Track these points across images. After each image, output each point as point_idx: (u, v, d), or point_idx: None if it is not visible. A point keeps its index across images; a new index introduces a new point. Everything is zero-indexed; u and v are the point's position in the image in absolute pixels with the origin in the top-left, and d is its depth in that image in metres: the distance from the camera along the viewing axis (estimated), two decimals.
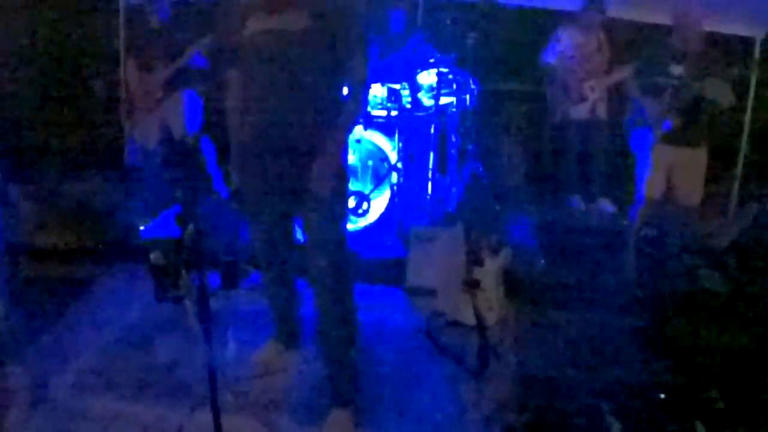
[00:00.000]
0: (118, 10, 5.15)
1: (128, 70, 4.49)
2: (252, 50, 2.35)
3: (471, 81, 5.01)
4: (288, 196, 2.45)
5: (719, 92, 3.55)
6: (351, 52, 2.35)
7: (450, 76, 4.76)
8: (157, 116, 4.54)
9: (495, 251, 3.79)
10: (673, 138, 3.78)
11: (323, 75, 2.35)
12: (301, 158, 2.35)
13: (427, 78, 4.62)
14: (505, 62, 5.63)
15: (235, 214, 3.75)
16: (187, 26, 4.48)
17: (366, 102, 2.53)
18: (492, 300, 3.46)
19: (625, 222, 4.61)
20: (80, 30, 5.47)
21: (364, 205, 4.24)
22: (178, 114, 4.54)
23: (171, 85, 4.44)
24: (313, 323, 2.71)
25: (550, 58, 5.12)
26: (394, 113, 4.46)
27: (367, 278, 3.83)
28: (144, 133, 4.58)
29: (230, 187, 2.67)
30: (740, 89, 4.45)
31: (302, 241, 2.61)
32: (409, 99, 4.54)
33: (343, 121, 2.40)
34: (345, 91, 2.47)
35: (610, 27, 5.14)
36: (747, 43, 4.87)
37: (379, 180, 4.36)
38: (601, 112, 5.10)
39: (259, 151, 2.41)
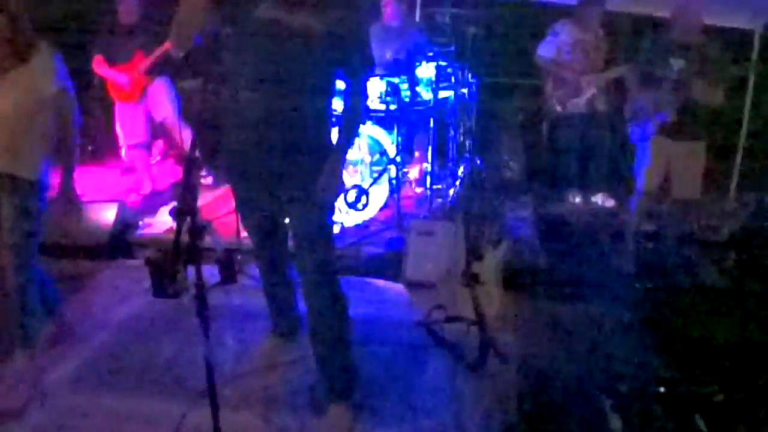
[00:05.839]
0: None
1: (100, 67, 4.45)
2: (254, 39, 2.28)
3: (470, 74, 5.00)
4: (279, 192, 2.41)
5: (707, 94, 3.57)
6: (355, 51, 2.31)
7: (449, 70, 4.75)
8: (142, 108, 4.51)
9: (494, 245, 3.78)
10: (671, 131, 3.78)
11: (325, 73, 2.32)
12: (297, 157, 2.32)
13: (426, 71, 4.61)
14: (504, 56, 5.61)
15: None
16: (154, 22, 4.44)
17: (366, 102, 2.50)
18: (491, 294, 3.46)
19: (623, 215, 4.61)
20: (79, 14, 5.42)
21: (363, 199, 4.23)
22: (162, 103, 4.53)
23: (153, 74, 4.42)
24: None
25: (547, 52, 5.10)
26: (393, 107, 4.45)
27: (366, 272, 3.82)
28: (132, 125, 4.56)
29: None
30: (739, 83, 4.46)
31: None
32: (408, 93, 4.53)
33: (346, 131, 2.40)
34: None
35: (609, 21, 5.12)
36: (746, 35, 4.85)
37: (378, 174, 4.34)
38: (600, 105, 5.09)
39: (251, 144, 2.33)
